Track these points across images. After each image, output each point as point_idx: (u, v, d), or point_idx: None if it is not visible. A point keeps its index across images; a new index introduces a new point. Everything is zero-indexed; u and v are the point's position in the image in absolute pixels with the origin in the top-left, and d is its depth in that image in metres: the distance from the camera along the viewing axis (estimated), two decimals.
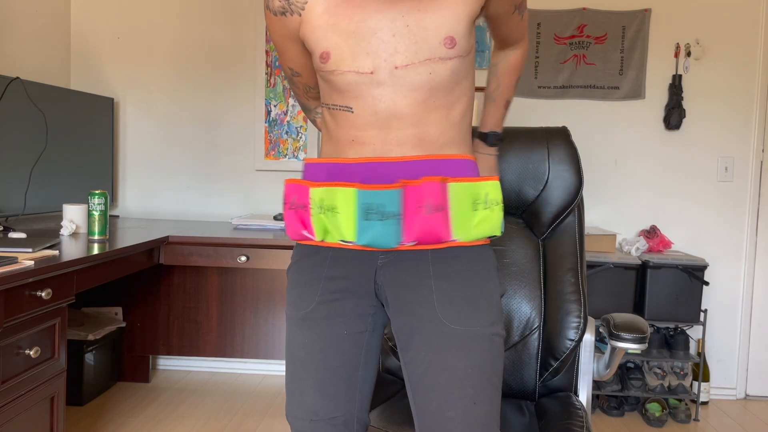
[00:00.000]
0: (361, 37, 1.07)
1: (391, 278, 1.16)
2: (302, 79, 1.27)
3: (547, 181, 1.63)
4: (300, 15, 1.12)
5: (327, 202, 1.12)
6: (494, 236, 1.29)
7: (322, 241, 1.17)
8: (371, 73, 1.07)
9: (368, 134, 1.11)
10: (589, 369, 1.60)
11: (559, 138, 1.65)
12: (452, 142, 1.14)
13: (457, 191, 1.11)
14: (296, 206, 1.17)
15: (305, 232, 1.17)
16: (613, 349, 1.51)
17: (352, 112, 1.11)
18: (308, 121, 3.18)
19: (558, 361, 1.56)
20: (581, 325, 1.56)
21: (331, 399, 1.18)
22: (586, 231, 2.96)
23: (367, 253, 1.17)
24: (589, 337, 1.60)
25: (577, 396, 1.60)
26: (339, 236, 1.13)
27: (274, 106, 3.17)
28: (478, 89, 3.01)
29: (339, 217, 1.12)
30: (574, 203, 1.62)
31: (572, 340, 1.55)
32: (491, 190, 1.14)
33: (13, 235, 2.19)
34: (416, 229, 1.10)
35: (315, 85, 1.28)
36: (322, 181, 1.14)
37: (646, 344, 1.45)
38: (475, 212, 1.13)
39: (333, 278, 1.18)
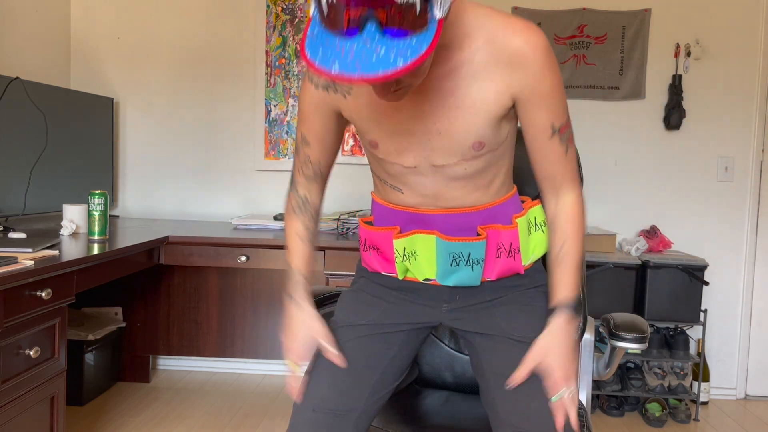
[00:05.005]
0: (403, 137, 1.13)
1: (458, 319, 1.29)
2: (309, 150, 1.26)
3: None
4: (345, 97, 1.15)
5: (409, 249, 1.23)
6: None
7: (404, 278, 1.28)
8: (414, 167, 1.16)
9: (419, 208, 1.23)
10: (588, 369, 1.60)
11: None
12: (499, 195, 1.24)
13: (521, 224, 1.24)
14: (376, 249, 1.29)
15: (386, 273, 1.29)
16: (613, 348, 1.51)
17: (402, 192, 1.21)
18: None
19: None
20: (581, 324, 1.56)
21: (340, 394, 1.20)
22: (586, 231, 2.96)
23: (436, 293, 1.28)
24: (588, 337, 1.60)
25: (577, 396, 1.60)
26: (421, 276, 1.25)
27: (274, 106, 3.17)
28: None
29: (420, 259, 1.23)
30: None
31: None
32: (538, 214, 1.28)
33: (13, 235, 2.19)
34: (497, 269, 1.24)
35: (317, 162, 1.27)
36: (403, 231, 1.24)
37: (646, 344, 1.45)
38: (530, 236, 1.27)
39: (393, 324, 1.29)
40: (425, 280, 1.25)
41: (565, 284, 1.18)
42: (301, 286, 1.26)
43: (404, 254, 1.24)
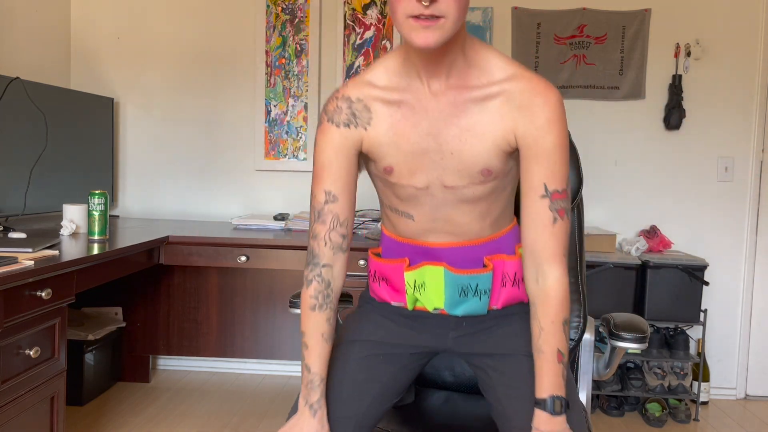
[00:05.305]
0: (417, 158, 1.16)
1: (464, 344, 1.30)
2: (336, 207, 1.17)
3: None
4: (366, 129, 1.17)
5: (419, 280, 1.26)
6: None
7: (413, 308, 1.30)
8: (426, 188, 1.18)
9: (428, 239, 1.24)
10: (588, 369, 1.60)
11: None
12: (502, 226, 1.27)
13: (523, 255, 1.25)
14: (386, 280, 1.30)
15: (395, 303, 1.31)
16: (613, 348, 1.51)
17: (413, 220, 1.23)
18: (308, 121, 3.18)
19: None
20: (581, 324, 1.56)
21: (340, 402, 1.22)
22: (586, 231, 2.96)
23: (443, 321, 1.30)
24: (588, 337, 1.60)
25: (577, 396, 1.60)
26: (430, 306, 1.27)
27: (274, 106, 3.17)
28: None
29: (429, 290, 1.26)
30: (573, 203, 1.62)
31: (572, 339, 1.55)
32: None
33: (13, 235, 2.19)
34: (503, 298, 1.27)
35: (344, 220, 1.19)
36: (412, 264, 1.26)
37: (646, 344, 1.45)
38: None
39: (398, 345, 1.30)
40: (434, 309, 1.28)
41: (541, 379, 1.13)
42: (321, 393, 1.18)
43: (414, 286, 1.27)
